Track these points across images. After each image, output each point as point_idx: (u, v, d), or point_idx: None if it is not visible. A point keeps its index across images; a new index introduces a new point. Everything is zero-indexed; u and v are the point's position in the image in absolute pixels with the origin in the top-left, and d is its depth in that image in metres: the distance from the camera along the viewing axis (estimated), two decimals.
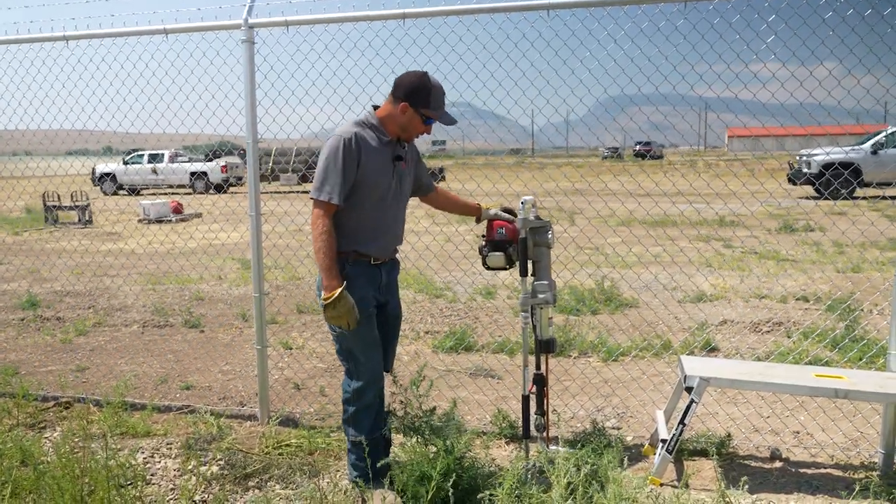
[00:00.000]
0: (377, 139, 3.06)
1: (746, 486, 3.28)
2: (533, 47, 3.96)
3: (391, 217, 3.16)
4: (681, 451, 3.71)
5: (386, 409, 3.29)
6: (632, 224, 12.34)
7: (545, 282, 3.42)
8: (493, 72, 4.08)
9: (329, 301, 2.90)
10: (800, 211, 14.50)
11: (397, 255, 3.34)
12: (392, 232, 3.18)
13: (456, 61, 4.22)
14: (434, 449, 2.88)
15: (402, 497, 2.92)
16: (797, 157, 19.25)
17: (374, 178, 3.03)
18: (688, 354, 5.12)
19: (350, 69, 4.22)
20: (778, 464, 3.66)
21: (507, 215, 3.47)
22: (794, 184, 18.01)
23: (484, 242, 3.51)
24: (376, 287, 3.14)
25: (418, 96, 3.01)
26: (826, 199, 15.44)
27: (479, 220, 3.54)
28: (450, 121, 3.10)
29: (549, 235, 3.43)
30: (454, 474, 2.72)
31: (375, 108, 3.14)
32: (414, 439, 2.79)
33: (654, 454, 3.60)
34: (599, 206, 13.04)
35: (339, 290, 2.90)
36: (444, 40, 4.07)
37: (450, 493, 2.64)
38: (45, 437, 3.99)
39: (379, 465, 3.05)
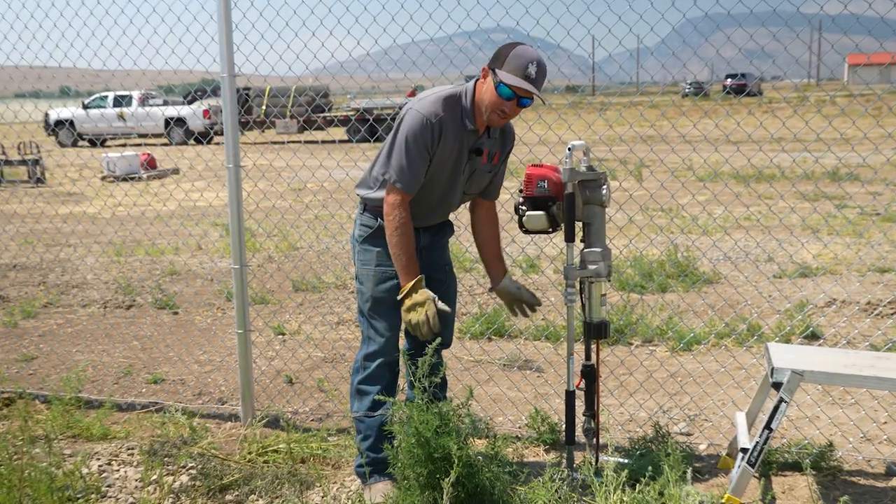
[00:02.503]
0: (461, 125, 3.20)
1: None
2: None
3: (446, 201, 3.38)
4: (767, 465, 3.67)
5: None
6: (714, 180, 12.11)
7: (597, 249, 3.38)
8: None
9: (404, 295, 3.17)
10: None
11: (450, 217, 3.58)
12: (438, 212, 3.42)
13: None
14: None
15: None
16: None
17: (441, 167, 3.23)
18: (779, 342, 5.02)
19: None
20: (895, 482, 3.59)
21: (526, 293, 3.57)
22: None
23: (521, 199, 3.47)
24: (415, 250, 3.33)
25: (499, 57, 3.09)
26: None
27: (492, 289, 3.63)
28: (522, 92, 3.06)
29: (604, 191, 3.37)
30: (465, 485, 2.72)
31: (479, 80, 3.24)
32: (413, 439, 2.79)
33: (733, 467, 3.55)
34: (672, 159, 12.84)
35: (414, 282, 3.16)
36: None
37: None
38: None
39: (385, 455, 3.17)
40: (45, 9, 4.78)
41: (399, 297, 3.20)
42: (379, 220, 3.30)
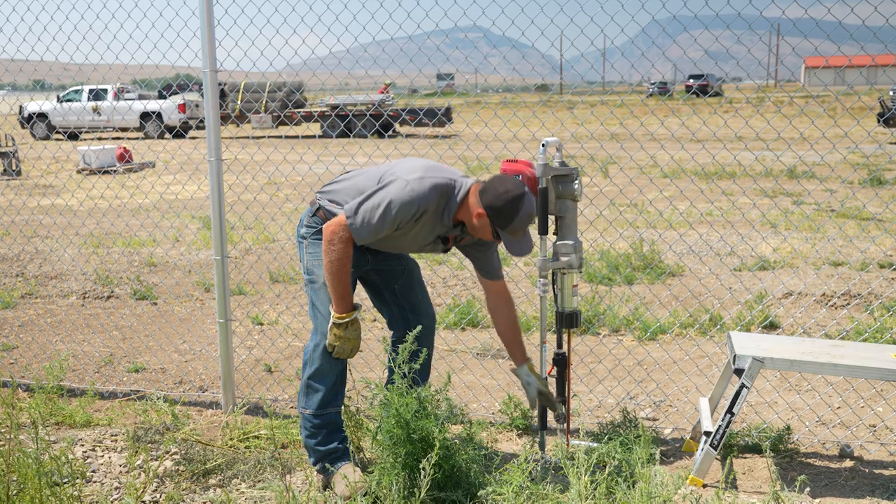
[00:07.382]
0: (439, 216, 3.23)
1: (807, 489, 3.33)
2: None
3: (396, 251, 3.49)
4: (729, 447, 3.75)
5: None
6: (679, 177, 12.28)
7: (570, 242, 3.44)
8: None
9: (342, 322, 3.21)
10: (885, 156, 14.38)
11: None
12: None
13: None
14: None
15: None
16: (890, 93, 19.02)
17: (402, 237, 3.27)
18: (740, 331, 5.13)
19: None
20: (848, 463, 3.70)
21: (531, 392, 3.51)
22: (886, 125, 17.83)
23: None
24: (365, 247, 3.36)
25: (500, 217, 3.14)
26: None
27: (515, 371, 3.57)
28: (518, 252, 3.22)
29: (576, 185, 3.43)
30: (442, 466, 2.77)
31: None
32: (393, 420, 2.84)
33: (697, 450, 3.64)
34: (640, 156, 12.99)
35: (354, 314, 3.23)
36: None
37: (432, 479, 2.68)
38: None
39: (336, 444, 3.36)
40: (27, 2, 4.73)
41: (334, 321, 3.21)
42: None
